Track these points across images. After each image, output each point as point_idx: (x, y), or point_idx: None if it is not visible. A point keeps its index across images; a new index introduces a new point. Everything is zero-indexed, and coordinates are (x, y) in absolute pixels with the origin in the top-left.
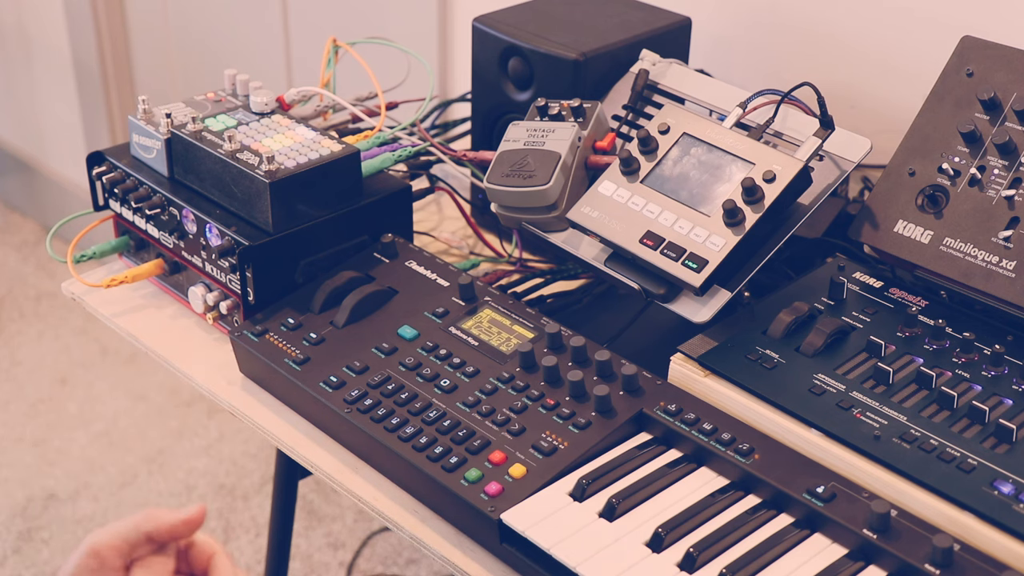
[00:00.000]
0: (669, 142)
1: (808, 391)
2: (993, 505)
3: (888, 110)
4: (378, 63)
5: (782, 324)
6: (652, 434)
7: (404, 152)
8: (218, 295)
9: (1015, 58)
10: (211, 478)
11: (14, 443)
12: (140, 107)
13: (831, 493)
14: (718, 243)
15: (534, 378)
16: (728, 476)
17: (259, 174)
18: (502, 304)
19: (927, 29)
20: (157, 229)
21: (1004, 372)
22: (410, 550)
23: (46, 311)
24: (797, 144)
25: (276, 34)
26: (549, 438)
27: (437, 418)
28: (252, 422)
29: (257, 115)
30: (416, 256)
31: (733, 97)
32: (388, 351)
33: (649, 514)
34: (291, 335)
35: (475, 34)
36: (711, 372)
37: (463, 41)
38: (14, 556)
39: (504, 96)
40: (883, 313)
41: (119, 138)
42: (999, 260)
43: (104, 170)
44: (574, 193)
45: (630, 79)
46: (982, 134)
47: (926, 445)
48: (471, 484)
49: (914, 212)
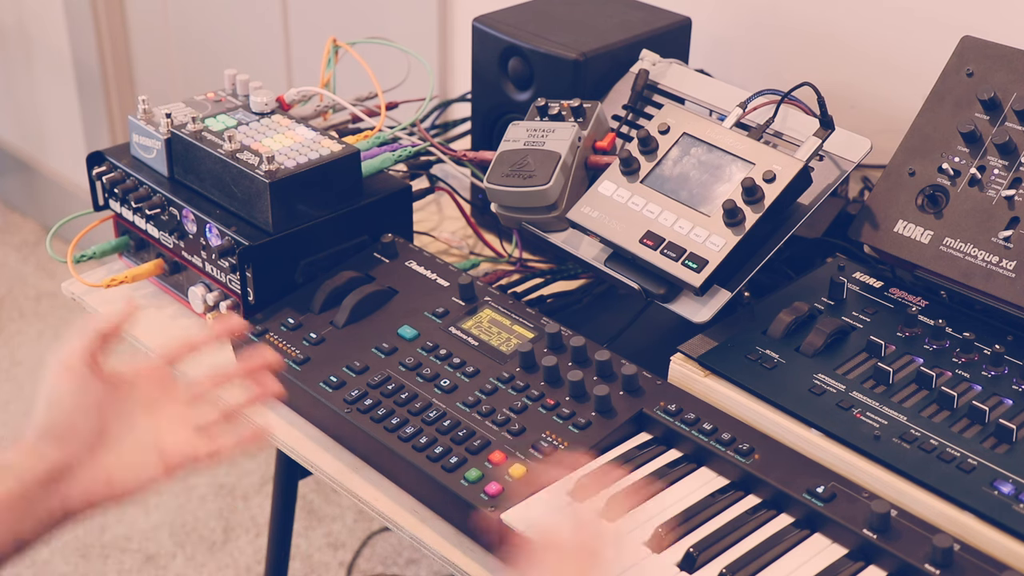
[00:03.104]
0: (669, 142)
1: (808, 391)
2: (993, 505)
3: (888, 110)
4: (378, 63)
5: (782, 324)
6: (652, 434)
7: (404, 152)
8: (218, 295)
9: (1015, 58)
10: (211, 478)
11: (14, 443)
12: (140, 107)
13: (831, 493)
14: (718, 243)
15: (534, 378)
16: (728, 476)
17: (259, 174)
18: (502, 304)
19: (927, 29)
20: (157, 229)
21: (1004, 372)
22: (410, 550)
23: (46, 311)
24: (797, 144)
25: (276, 34)
26: (549, 438)
27: (437, 418)
28: (252, 422)
29: (257, 115)
30: (416, 256)
31: (733, 97)
32: (388, 351)
33: (649, 514)
34: (291, 335)
35: (475, 34)
36: (711, 372)
37: (463, 41)
38: None
39: (504, 96)
40: (883, 313)
41: (119, 138)
42: (999, 260)
43: (104, 170)
44: (574, 193)
45: (630, 79)
46: (982, 134)
47: (926, 445)
48: (471, 484)
49: (914, 212)
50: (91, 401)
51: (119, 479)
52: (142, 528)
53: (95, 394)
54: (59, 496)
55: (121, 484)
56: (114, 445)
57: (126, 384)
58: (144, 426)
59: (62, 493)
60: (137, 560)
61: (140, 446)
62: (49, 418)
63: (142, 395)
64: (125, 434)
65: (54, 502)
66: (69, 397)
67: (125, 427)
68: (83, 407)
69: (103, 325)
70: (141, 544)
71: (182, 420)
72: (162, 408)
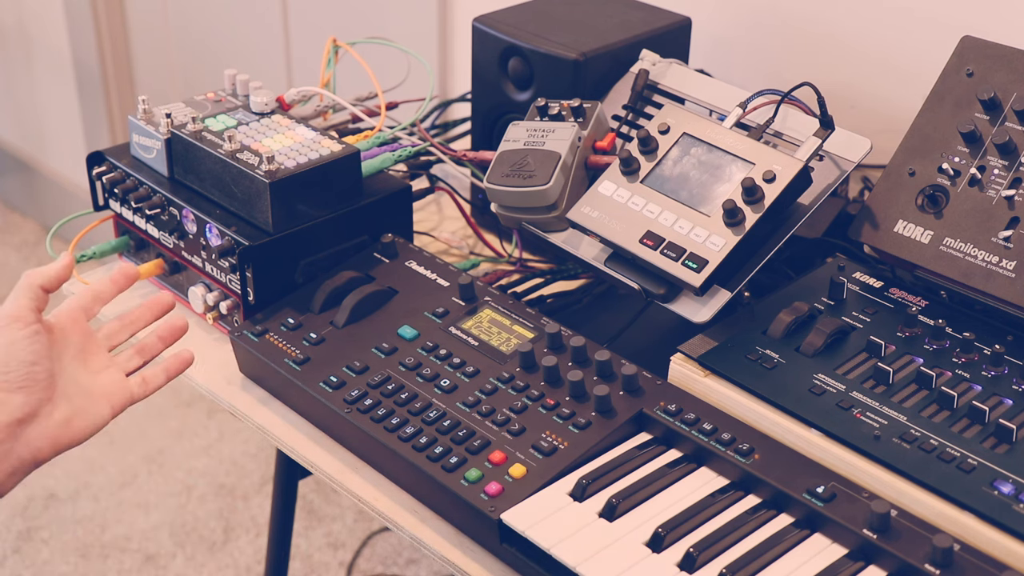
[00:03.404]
0: (669, 142)
1: (808, 391)
2: (993, 505)
3: (888, 110)
4: (378, 63)
5: (782, 324)
6: (652, 434)
7: (404, 152)
8: (218, 295)
9: (1015, 58)
10: (211, 478)
11: None
12: (140, 107)
13: (831, 493)
14: (718, 243)
15: (534, 378)
16: (728, 476)
17: (259, 174)
18: (502, 304)
19: (927, 29)
20: (157, 229)
21: (1004, 372)
22: (410, 550)
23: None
24: (797, 144)
25: (276, 34)
26: (549, 438)
27: (437, 418)
28: (252, 422)
29: (257, 115)
30: (416, 256)
31: (733, 97)
32: (388, 351)
33: (649, 514)
34: (291, 335)
35: (475, 34)
36: (711, 372)
37: (463, 41)
38: (14, 556)
39: (504, 96)
40: (883, 313)
41: (119, 138)
42: (999, 260)
43: (104, 170)
44: (574, 193)
45: (630, 79)
46: (982, 134)
47: (926, 445)
48: (471, 484)
49: (914, 212)
50: (41, 349)
51: (76, 420)
52: (142, 528)
53: (44, 343)
54: (25, 442)
55: (79, 425)
56: (65, 390)
57: (58, 332)
58: (81, 372)
59: (29, 440)
60: (137, 560)
61: (84, 390)
62: (8, 368)
63: (71, 343)
64: (68, 379)
65: (23, 450)
66: (23, 346)
67: (67, 373)
68: (37, 355)
69: (44, 279)
70: (141, 544)
71: (109, 363)
72: (90, 354)
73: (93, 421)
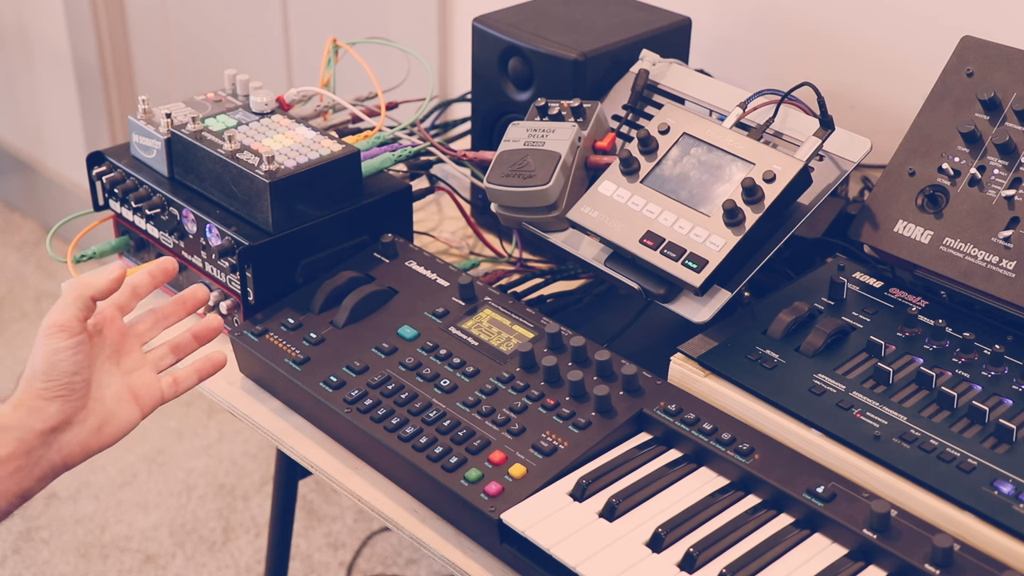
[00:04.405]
0: (669, 142)
1: (808, 391)
2: (993, 505)
3: (888, 110)
4: (378, 63)
5: (782, 324)
6: (652, 434)
7: (404, 152)
8: (218, 295)
9: (1015, 58)
10: (211, 478)
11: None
12: (140, 107)
13: (831, 493)
14: (718, 243)
15: (534, 378)
16: (728, 476)
17: (259, 174)
18: (502, 304)
19: (927, 29)
20: (157, 229)
21: (1004, 372)
22: (410, 550)
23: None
24: (797, 144)
25: (276, 34)
26: (549, 438)
27: (437, 418)
28: (252, 422)
29: (257, 115)
30: (416, 256)
31: (733, 97)
32: (388, 351)
33: (649, 514)
34: (291, 335)
35: (475, 34)
36: (711, 372)
37: (463, 41)
38: (14, 556)
39: (504, 96)
40: (883, 313)
41: (119, 138)
42: (999, 260)
43: (104, 170)
44: (574, 193)
45: (630, 79)
46: (982, 134)
47: (926, 445)
48: (471, 484)
49: (914, 212)
50: (84, 359)
51: (107, 426)
52: (142, 528)
53: (87, 353)
54: (58, 449)
55: (109, 431)
56: (98, 395)
57: (97, 336)
58: (115, 373)
59: (61, 446)
60: (137, 560)
61: (117, 393)
62: (49, 377)
63: (107, 344)
64: (103, 384)
65: (54, 455)
66: (66, 356)
67: (101, 377)
68: (79, 365)
69: (95, 291)
70: (141, 544)
71: (142, 363)
72: (123, 354)
73: (123, 425)
